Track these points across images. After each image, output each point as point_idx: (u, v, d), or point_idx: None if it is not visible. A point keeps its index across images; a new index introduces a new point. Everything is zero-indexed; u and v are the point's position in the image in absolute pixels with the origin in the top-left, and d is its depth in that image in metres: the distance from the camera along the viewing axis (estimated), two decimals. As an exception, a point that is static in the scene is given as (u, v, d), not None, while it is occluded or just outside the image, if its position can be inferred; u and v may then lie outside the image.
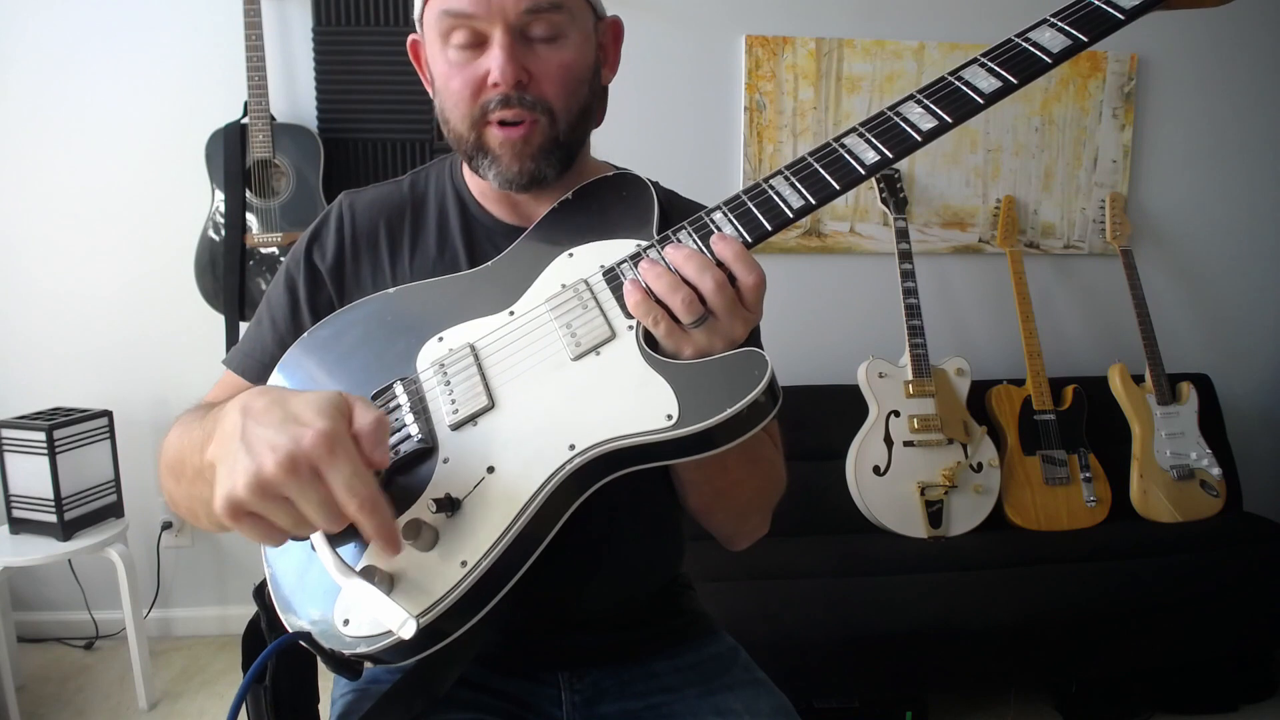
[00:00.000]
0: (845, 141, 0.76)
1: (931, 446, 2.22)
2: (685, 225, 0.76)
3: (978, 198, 2.56)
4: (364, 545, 0.67)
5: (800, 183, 0.76)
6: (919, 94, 0.78)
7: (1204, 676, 2.07)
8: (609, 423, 0.69)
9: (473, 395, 0.74)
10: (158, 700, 2.17)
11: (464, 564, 0.66)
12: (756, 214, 0.76)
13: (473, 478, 0.70)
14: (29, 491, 2.06)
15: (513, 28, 0.80)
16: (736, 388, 0.67)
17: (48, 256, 2.35)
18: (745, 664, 0.98)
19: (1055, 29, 0.80)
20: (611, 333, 0.74)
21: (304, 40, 2.31)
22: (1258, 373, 2.77)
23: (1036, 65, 0.78)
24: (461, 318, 0.81)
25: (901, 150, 0.76)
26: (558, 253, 0.82)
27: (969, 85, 0.78)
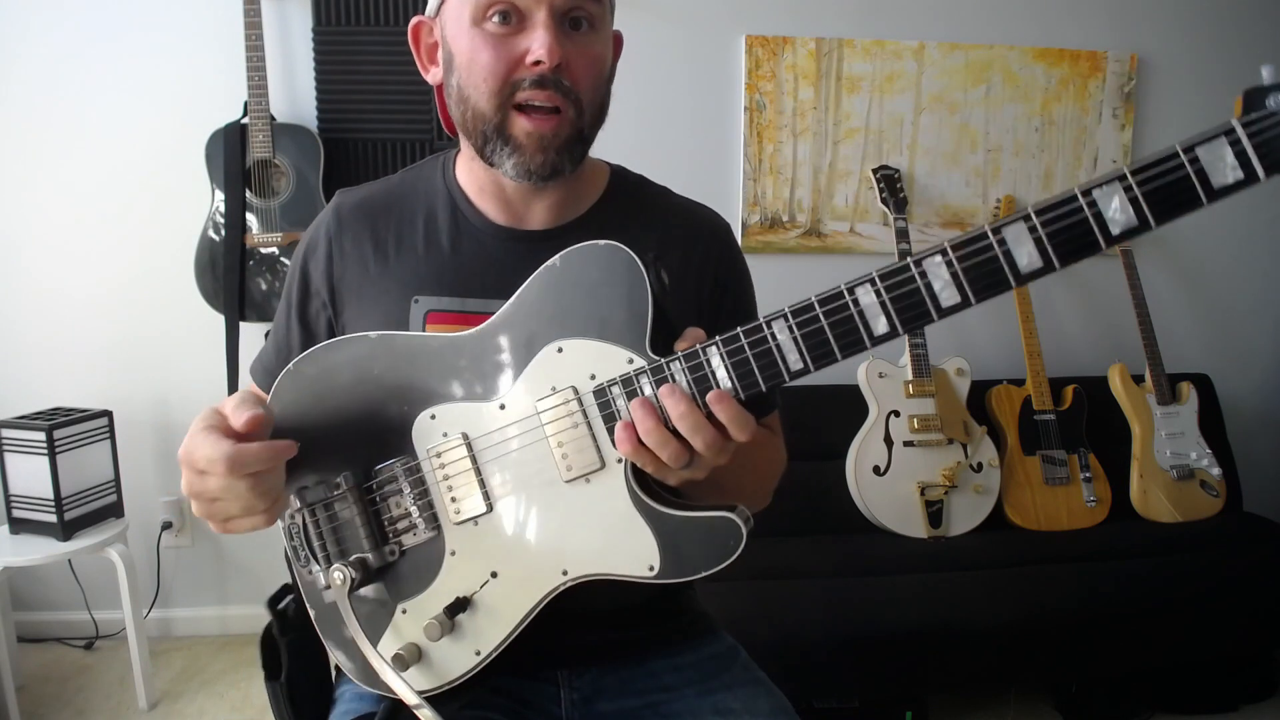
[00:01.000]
0: (859, 296, 0.68)
1: (931, 446, 2.22)
2: (680, 359, 0.73)
3: (978, 198, 2.56)
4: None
5: (803, 340, 0.69)
6: (950, 249, 0.65)
7: (1204, 676, 2.06)
8: (597, 558, 0.78)
9: (473, 497, 0.81)
10: (158, 700, 2.17)
11: (478, 653, 0.81)
12: (753, 367, 0.71)
13: (478, 577, 0.81)
14: (29, 491, 2.06)
15: (557, 10, 0.81)
16: (713, 553, 0.76)
17: (48, 256, 2.35)
18: (745, 663, 0.98)
19: (1127, 195, 0.61)
20: (601, 463, 0.77)
21: (304, 40, 2.31)
22: (1258, 373, 2.77)
23: (1086, 246, 0.63)
24: (451, 395, 0.82)
25: (915, 323, 0.67)
26: (545, 340, 0.79)
27: (1007, 256, 0.64)
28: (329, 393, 0.85)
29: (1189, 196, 0.61)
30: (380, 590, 0.84)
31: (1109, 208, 0.62)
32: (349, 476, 0.82)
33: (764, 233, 2.48)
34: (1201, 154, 0.60)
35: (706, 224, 1.00)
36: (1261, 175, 0.60)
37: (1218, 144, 0.60)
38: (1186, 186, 0.61)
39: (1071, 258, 0.64)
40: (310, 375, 0.85)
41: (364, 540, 0.82)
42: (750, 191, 2.47)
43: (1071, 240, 0.63)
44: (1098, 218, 0.62)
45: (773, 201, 2.48)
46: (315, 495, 0.83)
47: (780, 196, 2.48)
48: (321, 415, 0.85)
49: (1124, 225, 0.62)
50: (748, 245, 2.46)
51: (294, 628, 0.91)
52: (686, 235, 0.97)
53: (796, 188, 2.49)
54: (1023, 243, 0.64)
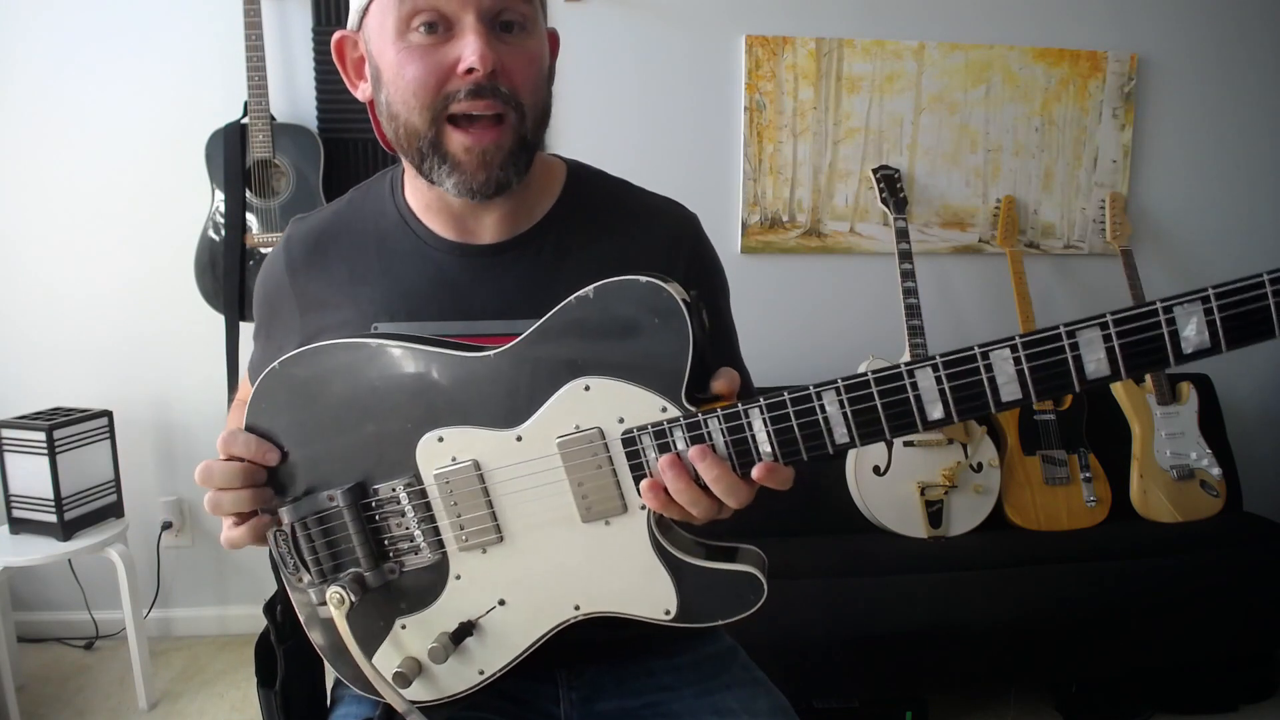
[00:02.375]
0: (918, 380, 0.65)
1: (931, 446, 2.21)
2: (719, 416, 0.70)
3: (978, 198, 2.56)
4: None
5: (853, 416, 0.67)
6: (1020, 346, 0.63)
7: (1204, 676, 2.06)
8: (613, 598, 0.78)
9: (482, 526, 0.79)
10: (158, 700, 2.17)
11: (481, 673, 0.81)
12: (797, 436, 0.69)
13: (484, 604, 0.80)
14: (29, 491, 2.06)
15: (486, 14, 0.77)
16: (731, 605, 0.76)
17: (48, 256, 2.35)
18: (744, 663, 0.99)
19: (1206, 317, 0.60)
20: (624, 507, 0.75)
21: (304, 40, 2.31)
22: (1258, 373, 2.77)
23: (1156, 362, 0.62)
24: (462, 418, 0.78)
25: (970, 414, 0.66)
26: (571, 374, 0.75)
27: (1076, 361, 0.63)
28: (320, 399, 0.80)
29: (1265, 328, 0.61)
30: (379, 604, 0.82)
31: (1186, 327, 0.61)
32: (345, 494, 0.79)
33: (764, 233, 2.48)
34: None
35: (673, 219, 0.96)
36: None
37: None
38: (1264, 318, 0.61)
39: (1137, 370, 0.63)
40: (300, 378, 0.81)
41: (361, 558, 0.80)
42: (750, 191, 2.47)
43: (1141, 354, 0.62)
44: (1173, 336, 0.62)
45: (773, 201, 2.48)
46: (306, 508, 0.80)
47: (780, 196, 2.48)
48: (311, 422, 0.80)
49: (1197, 346, 0.62)
50: (747, 245, 2.46)
51: (290, 634, 0.90)
52: (652, 234, 0.93)
53: (796, 188, 2.49)
54: (1094, 349, 0.63)
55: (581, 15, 2.33)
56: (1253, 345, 0.61)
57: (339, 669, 0.85)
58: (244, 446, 0.79)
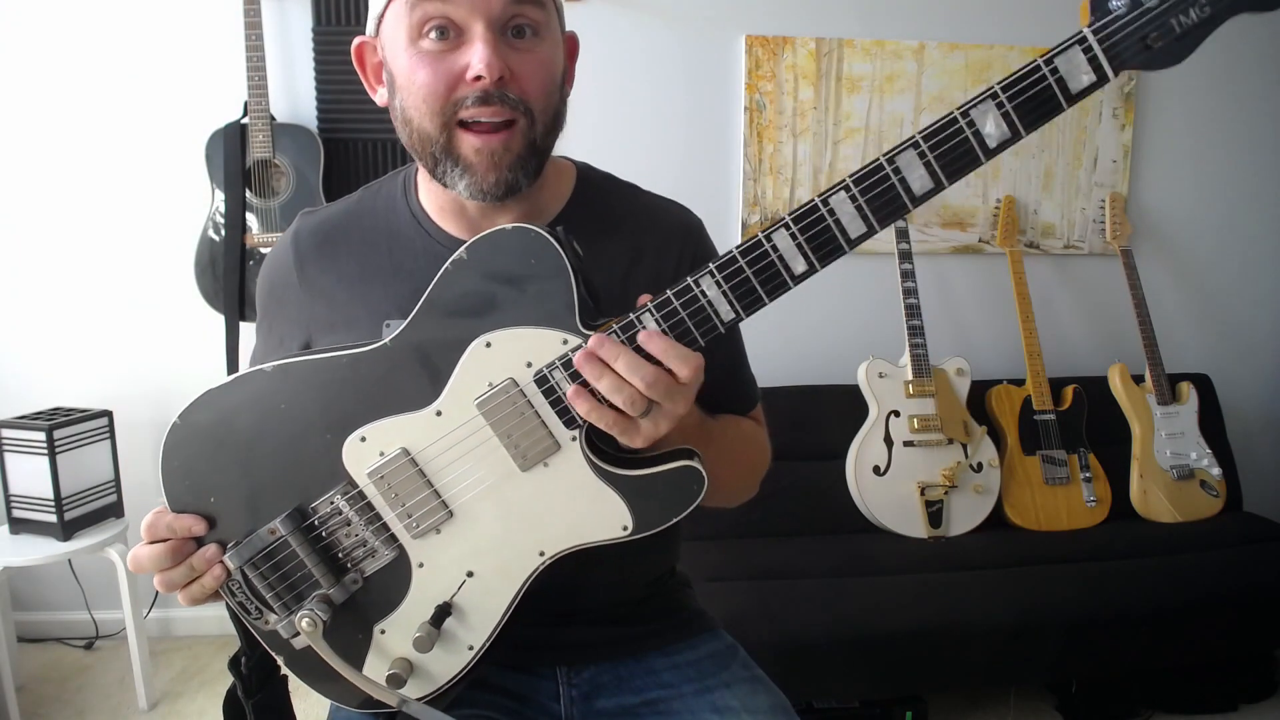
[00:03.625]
0: (776, 242, 0.71)
1: (931, 446, 2.22)
2: (615, 329, 0.73)
3: (978, 198, 2.56)
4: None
5: (731, 291, 0.72)
6: (854, 184, 0.71)
7: (1204, 676, 2.07)
8: (571, 532, 0.78)
9: (429, 508, 0.78)
10: (158, 700, 2.17)
11: (471, 648, 0.81)
12: (689, 325, 0.73)
13: (453, 581, 0.80)
14: (29, 491, 2.06)
15: (495, 21, 0.78)
16: (679, 499, 0.77)
17: (48, 256, 2.35)
18: (744, 661, 0.99)
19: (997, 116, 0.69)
20: (556, 445, 0.76)
21: (304, 40, 2.31)
22: (1258, 373, 2.77)
23: (969, 163, 0.70)
24: (378, 412, 0.77)
25: (829, 258, 0.72)
26: (470, 336, 0.75)
27: (903, 183, 0.70)
28: (231, 439, 0.79)
29: (1052, 105, 0.68)
30: (352, 618, 0.81)
31: (985, 125, 0.69)
32: (284, 521, 0.78)
33: (764, 233, 2.48)
34: (1060, 64, 0.68)
35: (678, 223, 0.98)
36: (1111, 76, 0.68)
37: (1073, 53, 0.69)
38: (1049, 96, 0.68)
39: (956, 175, 0.70)
40: (204, 424, 0.79)
41: (319, 578, 0.79)
42: (750, 191, 2.47)
43: (956, 160, 0.69)
44: (976, 135, 0.69)
45: (773, 201, 2.48)
46: (250, 549, 0.78)
47: (780, 196, 2.48)
48: (229, 465, 0.79)
49: (998, 139, 0.69)
50: (748, 245, 2.46)
51: (258, 688, 0.89)
52: (659, 235, 0.94)
53: (796, 188, 2.49)
54: (914, 168, 0.70)
55: (581, 15, 2.33)
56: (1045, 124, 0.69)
57: (335, 696, 0.84)
58: (167, 529, 0.79)
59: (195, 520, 0.79)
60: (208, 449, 0.80)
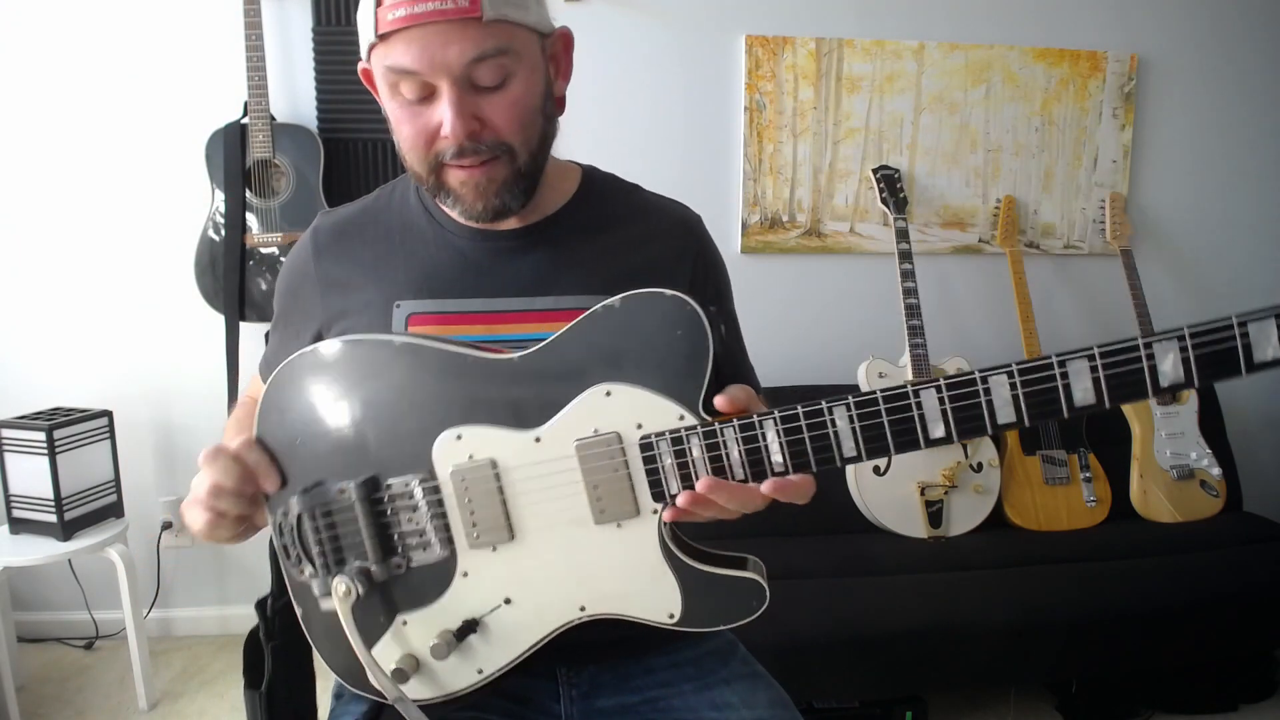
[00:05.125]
0: (923, 400, 0.71)
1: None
2: (734, 425, 0.74)
3: (978, 198, 2.56)
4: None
5: (862, 431, 0.72)
6: (1018, 374, 0.69)
7: (1204, 676, 2.06)
8: (618, 599, 0.79)
9: (494, 523, 0.79)
10: (158, 700, 2.17)
11: (480, 671, 0.81)
12: (807, 448, 0.74)
13: (489, 602, 0.81)
14: (29, 491, 2.06)
15: (459, 80, 0.80)
16: (735, 610, 0.79)
17: (48, 256, 2.35)
18: (743, 658, 0.99)
19: (1181, 354, 0.66)
20: (636, 510, 0.77)
21: (304, 40, 2.31)
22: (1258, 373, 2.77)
23: (1136, 393, 0.67)
24: (481, 418, 0.79)
25: (970, 434, 0.71)
26: (592, 380, 0.77)
27: (1067, 389, 0.68)
28: (338, 392, 0.81)
29: (1231, 367, 0.66)
30: (382, 599, 0.82)
31: (1164, 363, 0.66)
32: (357, 487, 0.79)
33: (764, 233, 2.48)
34: (1253, 329, 0.66)
35: (679, 219, 1.01)
36: None
37: (1268, 325, 0.67)
38: (1232, 357, 0.66)
39: (1118, 400, 0.68)
40: (320, 369, 0.82)
41: (369, 551, 0.80)
42: (750, 191, 2.47)
43: (1124, 385, 0.67)
44: (1153, 370, 0.66)
45: (773, 201, 2.48)
46: (316, 498, 0.80)
47: (780, 196, 2.48)
48: (327, 414, 0.81)
49: (1171, 380, 0.67)
50: (747, 245, 2.46)
51: (281, 633, 0.89)
52: (660, 231, 0.98)
53: (796, 188, 2.49)
54: (1082, 377, 0.68)
55: (581, 15, 2.33)
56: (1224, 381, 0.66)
57: (333, 662, 0.85)
58: (257, 462, 0.81)
59: (274, 476, 0.81)
60: (313, 393, 0.82)
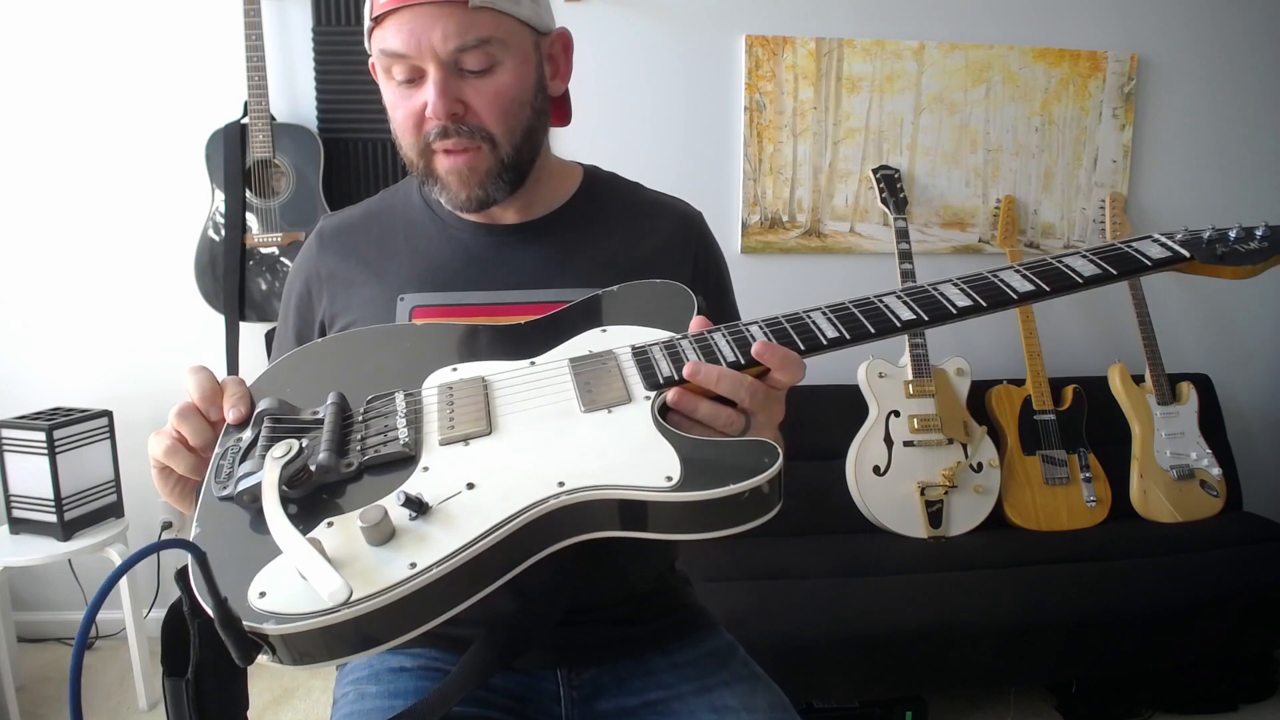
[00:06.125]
0: (887, 302, 0.79)
1: (931, 446, 2.21)
2: (722, 329, 0.77)
3: (978, 198, 2.56)
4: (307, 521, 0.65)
5: (839, 320, 0.79)
6: (958, 279, 0.81)
7: (1204, 676, 2.06)
8: (605, 471, 0.66)
9: (472, 418, 0.72)
10: (158, 700, 2.17)
11: (412, 565, 0.61)
12: (791, 336, 0.78)
13: (449, 489, 0.66)
14: (29, 491, 2.06)
15: (445, 64, 0.83)
16: (743, 469, 0.65)
17: (48, 256, 2.35)
18: (743, 660, 0.99)
19: (1087, 259, 0.81)
20: (628, 397, 0.74)
21: (304, 40, 2.31)
22: (1258, 373, 2.77)
23: (1065, 281, 0.80)
24: (480, 358, 0.81)
25: (937, 317, 0.78)
26: (591, 326, 0.83)
27: (1004, 283, 0.80)
28: (348, 352, 0.84)
29: (1131, 261, 0.80)
30: (320, 500, 0.67)
31: (1075, 261, 0.81)
32: (331, 404, 0.73)
33: (764, 233, 2.48)
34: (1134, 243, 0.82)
35: (680, 215, 1.04)
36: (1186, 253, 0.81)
37: (1144, 241, 0.82)
38: (1127, 256, 0.81)
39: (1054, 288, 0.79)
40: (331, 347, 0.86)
41: (323, 442, 0.69)
42: (750, 191, 2.47)
43: (1051, 275, 0.80)
44: (1070, 268, 0.81)
45: (773, 201, 2.48)
46: (283, 411, 0.72)
47: (780, 196, 2.48)
48: (338, 363, 0.83)
49: (1091, 271, 0.80)
50: (748, 245, 2.46)
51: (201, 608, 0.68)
52: (661, 227, 1.01)
53: (796, 188, 2.49)
54: (1013, 279, 0.80)
55: (581, 15, 2.33)
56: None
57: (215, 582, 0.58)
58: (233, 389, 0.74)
59: (246, 404, 0.73)
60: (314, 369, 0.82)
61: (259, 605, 0.59)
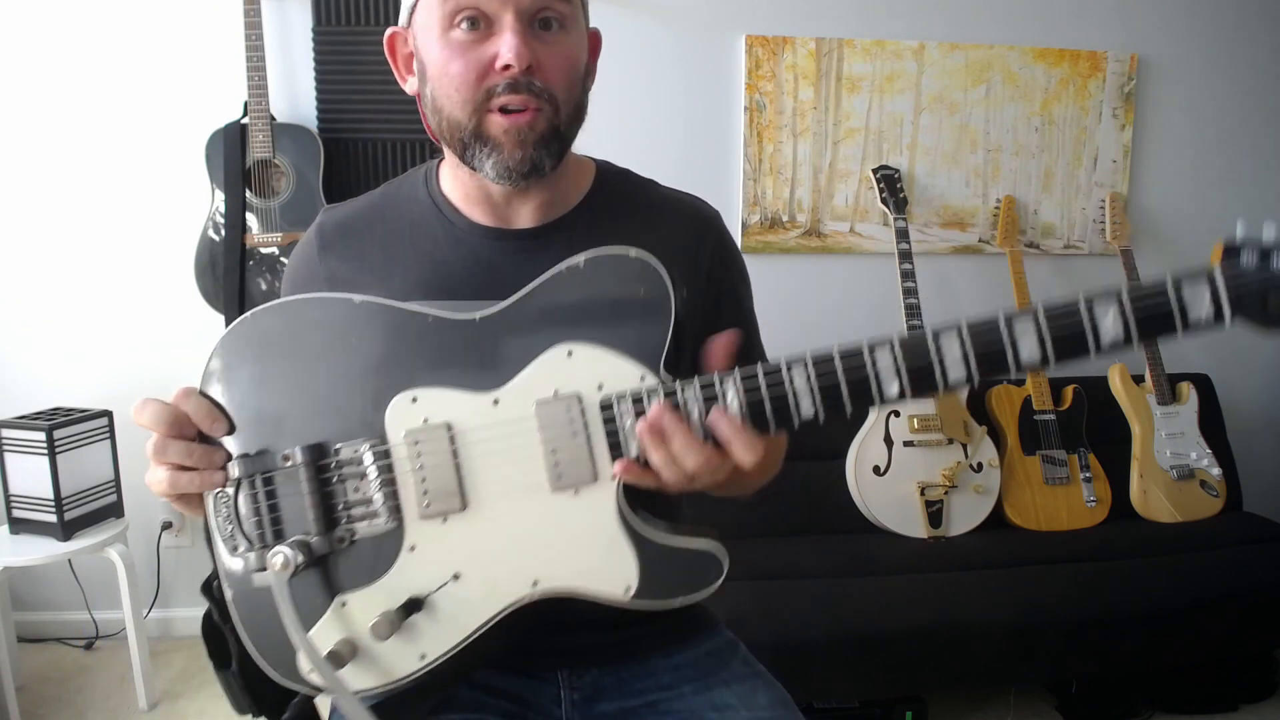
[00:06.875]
0: (877, 358, 0.72)
1: (931, 446, 2.21)
2: (695, 384, 0.73)
3: (978, 198, 2.56)
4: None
5: (819, 390, 0.72)
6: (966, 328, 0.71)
7: (1204, 676, 2.06)
8: (573, 573, 0.76)
9: (447, 490, 0.76)
10: (158, 700, 2.17)
11: (423, 656, 0.76)
12: (766, 408, 0.73)
13: (437, 578, 0.76)
14: (29, 491, 2.06)
15: (524, 13, 0.80)
16: (693, 582, 0.77)
17: (48, 256, 2.35)
18: (744, 658, 0.99)
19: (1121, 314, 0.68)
20: (594, 476, 0.75)
21: (304, 40, 2.31)
22: (1258, 373, 2.77)
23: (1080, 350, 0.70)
24: (439, 380, 0.77)
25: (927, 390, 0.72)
26: (554, 339, 0.76)
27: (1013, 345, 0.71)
28: (290, 353, 0.78)
29: (1167, 325, 0.69)
30: (321, 576, 0.77)
31: (1104, 320, 0.69)
32: (303, 451, 0.76)
33: (764, 233, 2.48)
34: (1187, 291, 0.68)
35: (696, 215, 0.99)
36: (1228, 319, 0.68)
37: (1201, 287, 0.68)
38: (1167, 314, 0.68)
39: (1063, 356, 0.70)
40: (270, 330, 0.79)
41: (310, 521, 0.76)
42: (750, 191, 2.47)
43: (1068, 341, 0.69)
44: (1094, 327, 0.69)
45: (773, 201, 2.48)
46: (256, 465, 0.76)
47: (780, 196, 2.48)
48: (277, 376, 0.78)
49: (1111, 338, 0.69)
50: (748, 245, 2.46)
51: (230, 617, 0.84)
52: (676, 228, 0.96)
53: (796, 188, 2.49)
54: (1027, 335, 0.70)
55: (581, 15, 2.33)
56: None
57: (262, 648, 0.78)
58: (195, 409, 0.78)
59: (219, 419, 0.78)
60: (263, 353, 0.78)
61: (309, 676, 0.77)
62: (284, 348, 0.78)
